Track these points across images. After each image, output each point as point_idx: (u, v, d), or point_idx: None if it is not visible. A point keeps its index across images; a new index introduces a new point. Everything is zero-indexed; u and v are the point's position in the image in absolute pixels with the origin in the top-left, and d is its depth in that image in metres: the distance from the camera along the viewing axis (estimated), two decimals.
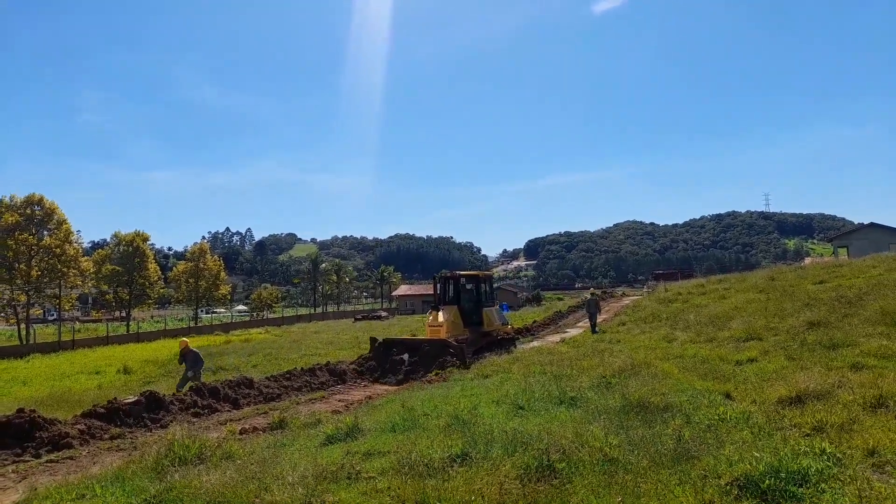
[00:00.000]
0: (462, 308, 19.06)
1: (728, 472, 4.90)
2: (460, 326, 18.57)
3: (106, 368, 24.79)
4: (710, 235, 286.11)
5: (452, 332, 18.03)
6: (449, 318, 18.30)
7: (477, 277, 20.07)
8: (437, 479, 5.39)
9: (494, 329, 19.70)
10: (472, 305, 19.41)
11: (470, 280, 20.00)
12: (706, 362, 11.61)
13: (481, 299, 19.63)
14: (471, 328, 18.86)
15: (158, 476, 6.44)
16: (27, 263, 45.84)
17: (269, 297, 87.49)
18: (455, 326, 18.37)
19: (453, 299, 19.21)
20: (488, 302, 20.21)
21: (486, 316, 19.47)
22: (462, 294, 19.48)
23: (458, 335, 18.12)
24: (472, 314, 19.21)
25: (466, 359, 16.35)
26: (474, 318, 19.17)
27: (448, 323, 18.19)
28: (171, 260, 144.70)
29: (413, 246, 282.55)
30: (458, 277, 19.72)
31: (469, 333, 18.60)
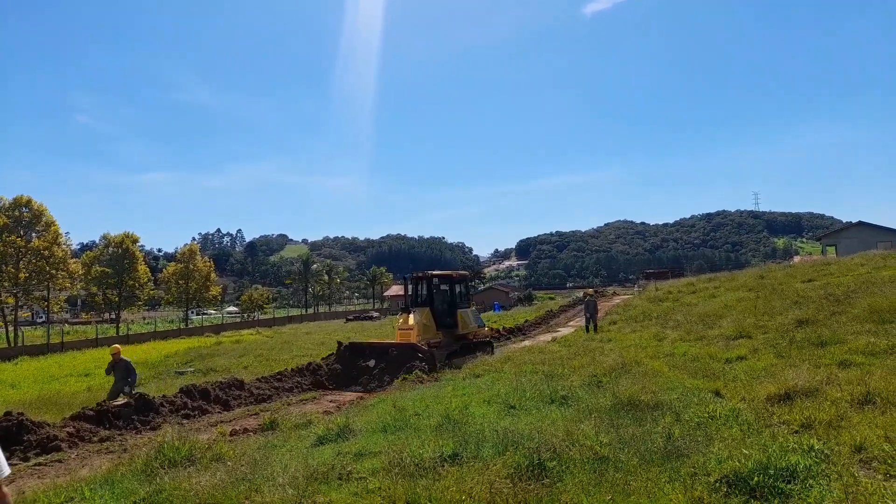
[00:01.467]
0: (435, 310, 18.11)
1: (717, 470, 4.93)
2: (433, 329, 17.70)
3: (95, 371, 24.59)
4: (700, 235, 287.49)
5: (424, 336, 17.20)
6: (420, 320, 17.44)
7: (451, 277, 19.15)
8: (427, 478, 5.39)
9: (470, 332, 18.91)
10: (445, 307, 18.47)
11: (444, 280, 19.00)
12: (696, 360, 11.68)
13: (456, 300, 18.73)
14: (444, 331, 18.00)
15: (148, 478, 6.40)
16: (15, 266, 45.50)
17: (260, 298, 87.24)
18: (427, 329, 17.49)
19: (426, 301, 18.29)
20: (463, 303, 19.33)
21: (461, 318, 18.53)
22: (435, 295, 18.48)
23: (430, 339, 17.34)
24: (445, 316, 18.25)
25: (437, 364, 15.74)
26: (448, 320, 18.22)
27: (419, 326, 17.30)
28: (161, 261, 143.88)
29: (405, 246, 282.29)
30: (431, 277, 18.63)
31: (442, 337, 17.82)
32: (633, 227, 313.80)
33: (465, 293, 19.76)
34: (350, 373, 16.15)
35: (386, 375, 15.15)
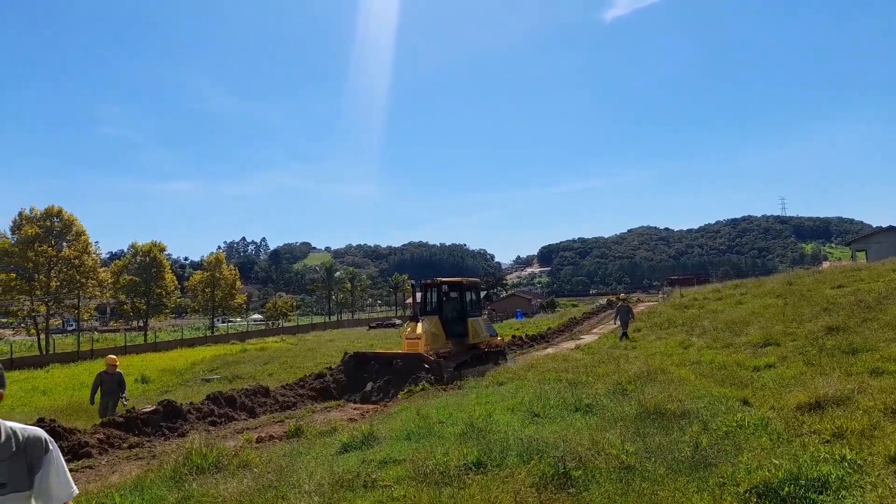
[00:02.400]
0: (444, 318, 17.49)
1: (746, 480, 4.85)
2: (442, 339, 17.11)
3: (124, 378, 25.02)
4: (725, 240, 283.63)
5: (433, 346, 16.58)
6: (429, 329, 16.79)
7: (461, 285, 18.49)
8: (452, 487, 5.39)
9: (481, 341, 18.29)
10: (455, 315, 17.83)
11: (454, 287, 18.35)
12: (723, 368, 11.51)
13: (466, 309, 18.09)
14: (454, 340, 17.39)
15: (177, 485, 6.50)
16: (46, 275, 46.46)
17: (284, 306, 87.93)
18: (436, 339, 16.88)
19: (435, 309, 17.68)
20: (474, 312, 18.62)
21: (472, 327, 17.89)
22: (445, 303, 17.91)
23: (439, 348, 16.76)
24: (455, 325, 17.64)
25: (444, 374, 15.13)
26: (458, 329, 17.62)
27: (428, 335, 16.64)
28: (188, 270, 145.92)
29: (426, 254, 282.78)
30: (441, 285, 18.08)
31: (452, 346, 17.20)
32: (656, 233, 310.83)
33: (476, 301, 19.09)
34: (354, 384, 15.60)
35: (391, 388, 14.58)
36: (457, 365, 16.28)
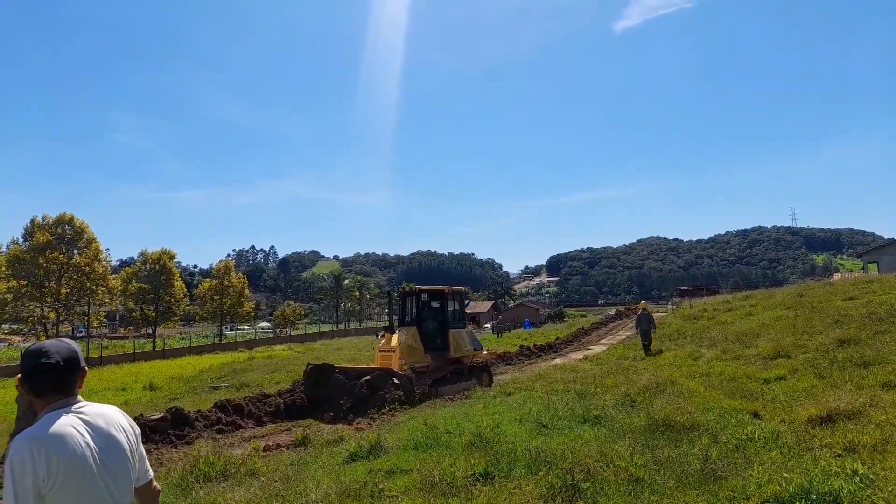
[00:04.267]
0: (423, 330, 16.04)
1: (757, 494, 4.81)
2: (419, 352, 15.69)
3: (132, 385, 25.09)
4: (735, 251, 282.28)
5: (408, 359, 15.33)
6: (405, 341, 15.48)
7: (442, 293, 16.84)
8: (460, 498, 5.37)
9: (464, 355, 16.74)
10: (435, 326, 16.31)
11: (434, 296, 16.84)
12: (733, 380, 11.42)
13: (448, 319, 16.48)
14: (433, 354, 15.93)
15: (184, 492, 6.51)
16: (57, 281, 46.83)
17: (293, 314, 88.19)
18: (412, 352, 15.52)
19: (414, 319, 16.26)
20: (457, 323, 17.02)
21: (454, 339, 16.29)
22: (424, 313, 16.44)
23: (415, 363, 15.51)
24: (435, 337, 16.15)
25: (416, 392, 13.76)
26: (438, 341, 16.13)
27: (403, 347, 15.33)
28: (197, 277, 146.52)
29: (434, 263, 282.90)
30: (420, 292, 16.77)
31: (430, 361, 15.82)
32: (665, 244, 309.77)
33: (459, 311, 17.53)
34: (315, 402, 13.96)
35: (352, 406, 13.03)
36: (433, 381, 14.87)
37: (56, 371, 2.18)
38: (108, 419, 2.27)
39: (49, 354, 2.18)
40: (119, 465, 2.24)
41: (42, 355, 2.18)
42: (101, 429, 2.21)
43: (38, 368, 2.17)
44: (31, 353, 2.21)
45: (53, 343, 2.25)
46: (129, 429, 2.36)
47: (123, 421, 2.35)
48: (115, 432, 2.26)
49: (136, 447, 2.37)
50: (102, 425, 2.23)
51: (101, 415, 2.27)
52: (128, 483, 2.28)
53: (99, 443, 2.18)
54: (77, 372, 2.25)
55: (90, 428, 2.19)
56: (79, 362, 2.26)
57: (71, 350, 2.25)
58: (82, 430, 2.15)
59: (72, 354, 2.24)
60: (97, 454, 2.15)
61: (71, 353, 2.24)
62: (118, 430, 2.29)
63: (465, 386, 15.39)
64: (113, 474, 2.20)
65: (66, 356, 2.21)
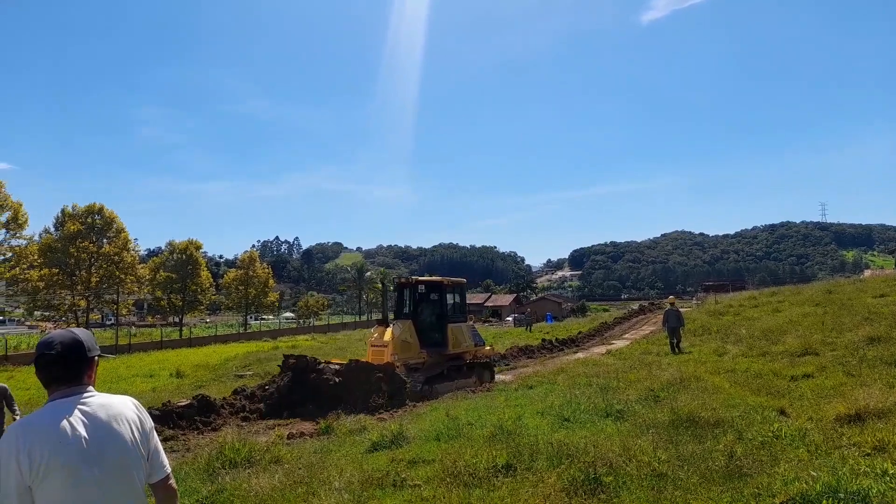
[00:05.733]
0: (419, 324, 15.22)
1: (783, 491, 4.75)
2: (415, 347, 14.83)
3: (160, 372, 25.55)
4: (762, 246, 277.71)
5: (402, 355, 14.41)
6: (400, 335, 14.58)
7: (441, 285, 16.01)
8: (482, 488, 5.39)
9: (463, 351, 15.96)
10: (432, 321, 15.51)
11: (432, 288, 16.02)
12: (759, 377, 11.26)
13: (446, 313, 15.62)
14: (430, 350, 15.10)
15: (210, 477, 6.63)
16: (87, 270, 47.75)
17: (316, 305, 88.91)
18: (406, 347, 14.63)
19: (410, 313, 15.49)
20: (457, 317, 16.15)
21: (452, 334, 15.47)
22: (421, 306, 15.67)
23: (409, 358, 14.61)
24: (432, 332, 15.37)
25: (405, 389, 12.97)
26: (435, 336, 15.35)
27: (396, 342, 14.40)
28: (223, 267, 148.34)
29: (457, 255, 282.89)
30: (416, 284, 16.05)
31: (426, 357, 14.99)
32: (691, 238, 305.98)
33: (459, 304, 16.69)
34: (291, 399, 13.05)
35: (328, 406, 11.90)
36: (427, 378, 14.14)
37: (58, 362, 2.16)
38: (112, 411, 2.21)
39: (51, 345, 2.17)
40: (116, 458, 2.17)
41: (46, 346, 2.18)
42: (99, 420, 2.16)
43: (41, 359, 2.17)
44: (40, 344, 2.22)
45: (60, 333, 2.23)
46: (136, 422, 2.28)
47: (131, 414, 2.28)
48: (115, 425, 2.19)
49: (146, 441, 2.29)
50: (102, 416, 2.17)
51: (105, 406, 2.21)
52: (126, 477, 2.20)
53: (93, 434, 2.12)
54: (84, 362, 2.22)
55: (87, 419, 2.14)
56: (85, 352, 2.22)
57: (76, 339, 2.22)
58: (77, 420, 2.11)
59: (76, 344, 2.21)
60: (89, 446, 2.10)
61: (75, 342, 2.21)
62: (120, 422, 2.22)
63: (463, 383, 14.70)
64: (108, 469, 2.13)
65: (70, 346, 2.19)
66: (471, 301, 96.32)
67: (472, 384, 14.78)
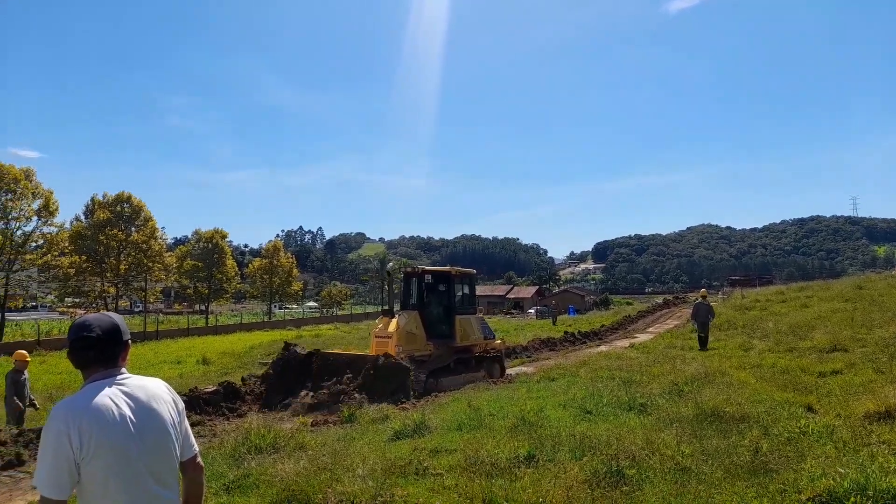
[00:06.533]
0: (426, 315, 14.78)
1: (809, 488, 4.69)
2: (421, 339, 14.36)
3: (186, 358, 25.98)
4: (791, 240, 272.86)
5: (407, 347, 13.92)
6: (405, 327, 14.12)
7: (449, 275, 15.44)
8: (504, 479, 5.41)
9: (472, 344, 15.41)
10: (440, 312, 15.05)
11: (440, 278, 15.48)
12: (786, 373, 11.11)
13: (454, 304, 15.09)
14: (436, 342, 14.61)
15: (236, 462, 6.75)
16: (116, 258, 48.66)
17: (339, 295, 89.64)
18: (411, 339, 14.13)
19: (416, 303, 15.01)
20: (466, 308, 15.67)
21: (460, 326, 14.96)
22: (428, 297, 15.21)
23: (415, 351, 14.08)
24: (439, 323, 14.91)
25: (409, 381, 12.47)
26: (442, 328, 14.88)
27: (401, 334, 13.94)
28: (247, 256, 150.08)
29: (479, 247, 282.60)
30: (423, 274, 15.44)
31: (433, 349, 14.49)
32: (717, 232, 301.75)
33: (469, 296, 16.13)
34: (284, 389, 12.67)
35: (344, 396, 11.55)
36: (431, 372, 13.67)
37: (97, 344, 2.20)
38: (150, 392, 2.28)
39: (91, 328, 2.20)
40: (158, 437, 2.23)
41: (84, 329, 2.20)
42: (140, 401, 2.22)
43: (80, 342, 2.20)
44: (75, 326, 2.24)
45: (96, 317, 2.27)
46: (171, 403, 2.35)
47: (166, 395, 2.34)
48: (155, 405, 2.26)
49: (180, 422, 2.37)
50: (142, 397, 2.23)
51: (143, 387, 2.27)
52: (168, 456, 2.27)
53: (137, 414, 2.18)
54: (120, 345, 2.28)
55: (129, 399, 2.19)
56: (121, 335, 2.27)
57: (113, 323, 2.26)
58: (120, 401, 2.16)
59: (113, 328, 2.25)
60: (134, 425, 2.15)
61: (113, 326, 2.26)
62: (159, 402, 2.28)
63: (471, 377, 14.31)
64: (151, 447, 2.20)
65: (108, 329, 2.23)
66: (493, 293, 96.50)
67: (481, 378, 14.36)
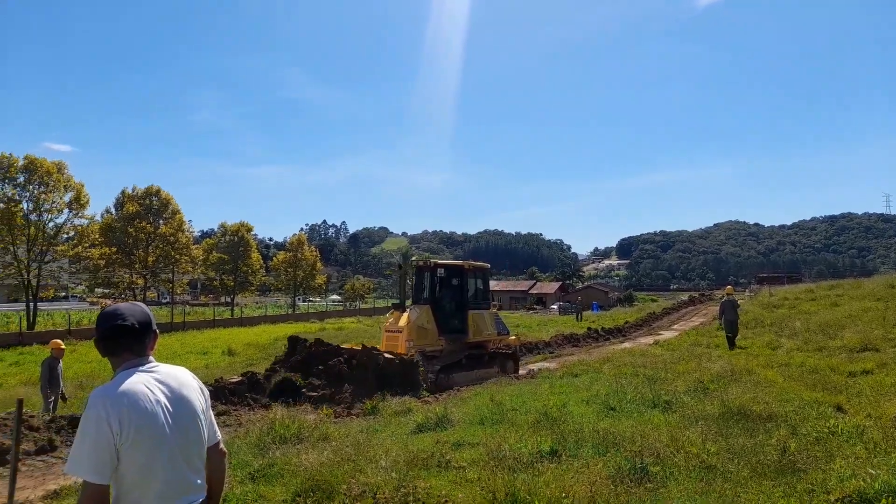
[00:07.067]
0: (438, 309, 14.47)
1: (838, 488, 4.61)
2: (432, 334, 14.07)
3: (212, 349, 26.38)
4: (821, 238, 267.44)
5: (418, 341, 13.66)
6: (416, 321, 13.81)
7: (462, 269, 15.15)
8: (526, 473, 5.40)
9: (485, 340, 15.22)
10: (453, 306, 14.76)
11: (453, 272, 15.18)
12: (815, 372, 10.91)
13: (467, 299, 14.86)
14: (448, 337, 14.38)
15: (261, 452, 6.84)
16: (145, 250, 49.48)
17: (362, 288, 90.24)
18: (422, 333, 13.85)
19: (429, 298, 14.71)
20: (480, 303, 15.41)
21: (473, 321, 14.72)
22: (440, 291, 14.91)
23: (426, 345, 13.83)
24: (451, 318, 14.60)
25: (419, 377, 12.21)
26: (454, 323, 14.59)
27: (412, 328, 13.66)
28: (272, 250, 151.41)
29: (501, 242, 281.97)
30: (436, 268, 15.18)
31: (445, 344, 14.25)
32: (745, 228, 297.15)
33: (482, 290, 15.78)
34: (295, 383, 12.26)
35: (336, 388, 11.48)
36: (442, 367, 13.42)
37: (132, 333, 2.25)
38: (180, 380, 2.33)
39: (125, 317, 2.25)
40: (190, 423, 2.29)
41: (118, 317, 2.24)
42: (172, 388, 2.27)
43: (114, 330, 2.24)
44: (108, 314, 2.28)
45: (128, 306, 2.31)
46: (199, 390, 2.40)
47: (194, 383, 2.39)
48: (186, 392, 2.31)
49: (207, 409, 2.43)
50: (174, 385, 2.28)
51: (173, 375, 2.32)
52: (198, 441, 2.33)
53: (171, 401, 2.23)
54: (150, 334, 2.32)
55: (162, 386, 2.24)
56: (151, 325, 2.32)
57: (145, 313, 2.32)
58: (154, 388, 2.21)
59: (145, 318, 2.30)
60: (168, 412, 2.20)
61: (145, 316, 2.31)
62: (189, 390, 2.33)
63: (484, 374, 14.14)
64: (184, 432, 2.25)
65: (141, 319, 2.28)
66: (516, 288, 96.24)
67: (494, 375, 14.13)
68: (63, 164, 38.69)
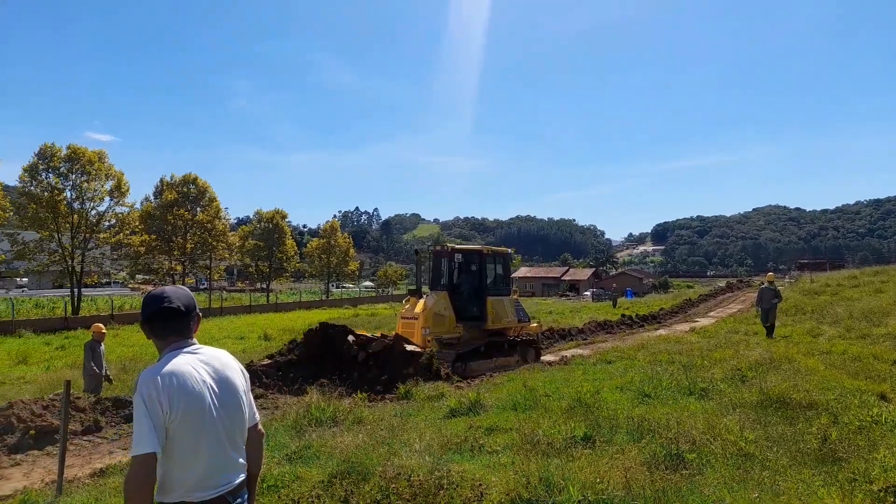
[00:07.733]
0: (456, 296, 14.06)
1: (882, 478, 4.50)
2: (450, 321, 13.74)
3: (249, 334, 26.86)
4: (865, 223, 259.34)
5: (434, 329, 13.34)
6: (433, 308, 13.48)
7: (481, 254, 14.78)
8: (560, 458, 5.40)
9: (505, 327, 14.80)
10: (471, 293, 14.33)
11: (471, 258, 14.74)
12: (858, 360, 10.63)
13: (485, 285, 14.50)
14: (467, 324, 14.06)
15: (298, 434, 6.98)
16: (183, 237, 50.56)
17: (394, 275, 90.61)
18: (439, 321, 13.53)
19: (446, 284, 14.30)
20: (499, 289, 14.98)
21: (492, 308, 14.29)
22: (458, 276, 14.48)
23: (443, 333, 13.57)
24: (469, 305, 14.21)
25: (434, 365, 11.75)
26: (473, 310, 14.21)
27: (429, 315, 13.30)
28: (306, 236, 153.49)
29: (534, 228, 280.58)
30: (454, 253, 14.68)
31: (463, 332, 13.98)
32: (785, 213, 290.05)
33: (502, 276, 15.35)
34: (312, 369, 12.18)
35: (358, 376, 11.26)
36: (458, 355, 13.04)
37: (177, 315, 2.32)
38: (223, 361, 2.40)
39: (171, 300, 2.32)
40: (234, 404, 2.36)
41: (164, 300, 2.32)
42: (217, 369, 2.34)
43: (161, 312, 2.31)
44: (154, 297, 2.35)
45: (173, 289, 2.38)
46: (240, 372, 2.47)
47: (236, 364, 2.47)
48: (230, 373, 2.38)
49: (248, 390, 2.49)
50: (218, 366, 2.35)
51: (216, 357, 2.39)
52: (241, 422, 2.40)
53: (216, 382, 2.30)
54: (193, 317, 2.40)
55: (208, 368, 2.31)
56: (195, 308, 2.40)
57: (189, 296, 2.39)
58: (200, 369, 2.28)
59: (190, 301, 2.38)
60: (214, 393, 2.28)
61: (189, 299, 2.39)
62: (232, 371, 2.40)
63: (503, 362, 13.90)
64: (229, 412, 2.32)
65: (186, 302, 2.36)
66: (548, 275, 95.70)
67: (514, 364, 13.89)
68: (104, 153, 39.57)
